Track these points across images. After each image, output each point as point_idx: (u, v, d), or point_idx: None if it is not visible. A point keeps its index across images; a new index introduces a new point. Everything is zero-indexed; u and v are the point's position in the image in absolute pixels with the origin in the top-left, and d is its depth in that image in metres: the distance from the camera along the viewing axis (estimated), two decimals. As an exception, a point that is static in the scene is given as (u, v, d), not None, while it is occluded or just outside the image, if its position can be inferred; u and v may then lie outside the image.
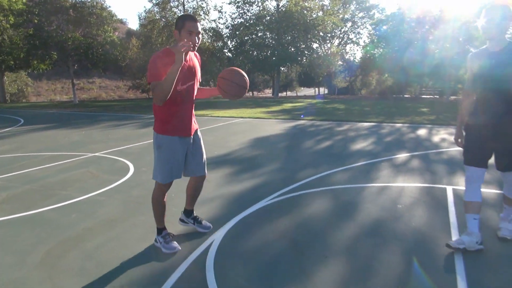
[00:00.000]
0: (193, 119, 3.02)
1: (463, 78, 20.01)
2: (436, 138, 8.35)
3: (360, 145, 7.63)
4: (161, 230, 3.02)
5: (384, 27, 32.39)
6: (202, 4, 34.99)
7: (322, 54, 38.34)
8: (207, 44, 34.12)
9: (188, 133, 2.93)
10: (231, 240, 3.18)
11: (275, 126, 10.84)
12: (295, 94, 61.52)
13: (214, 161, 6.22)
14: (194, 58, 2.92)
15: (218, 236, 3.22)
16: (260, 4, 33.10)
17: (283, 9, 32.13)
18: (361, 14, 43.69)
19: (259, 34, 34.62)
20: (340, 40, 45.14)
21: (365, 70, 36.54)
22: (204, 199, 4.15)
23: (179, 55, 2.53)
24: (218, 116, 14.02)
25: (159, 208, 2.99)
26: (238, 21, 34.37)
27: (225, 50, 38.07)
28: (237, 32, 34.04)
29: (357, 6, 42.88)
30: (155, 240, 3.04)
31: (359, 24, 44.11)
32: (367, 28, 41.56)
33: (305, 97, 36.75)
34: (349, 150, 7.08)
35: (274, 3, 33.21)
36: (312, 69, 37.03)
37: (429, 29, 24.42)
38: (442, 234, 3.20)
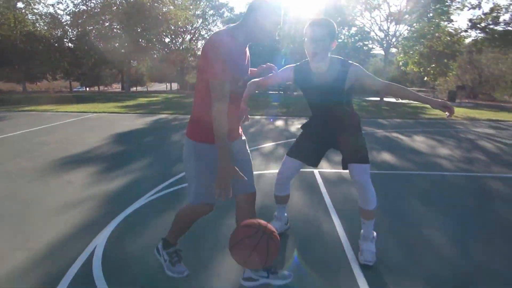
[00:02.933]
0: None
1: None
2: (293, 128, 9.08)
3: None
4: (170, 245, 2.40)
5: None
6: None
7: (174, 49, 37.88)
8: (43, 31, 29.97)
9: (233, 138, 2.20)
10: (117, 243, 2.79)
11: (135, 121, 10.16)
12: (146, 89, 59.32)
13: (73, 160, 5.44)
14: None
15: (100, 241, 2.79)
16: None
17: (131, 0, 30.42)
18: (211, 12, 44.84)
19: (106, 24, 32.02)
20: (191, 36, 45.42)
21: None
22: (71, 203, 3.58)
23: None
24: (67, 111, 12.41)
25: (185, 228, 2.37)
26: (80, 8, 31.07)
27: (66, 40, 34.11)
28: (80, 21, 30.78)
29: (207, 3, 43.85)
30: (158, 252, 2.44)
31: (210, 21, 45.28)
32: (217, 26, 42.75)
33: (158, 91, 35.83)
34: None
35: (122, -9, 31.11)
36: (165, 63, 36.30)
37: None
38: (322, 213, 3.44)
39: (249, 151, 2.32)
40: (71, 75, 43.57)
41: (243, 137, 2.31)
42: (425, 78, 28.30)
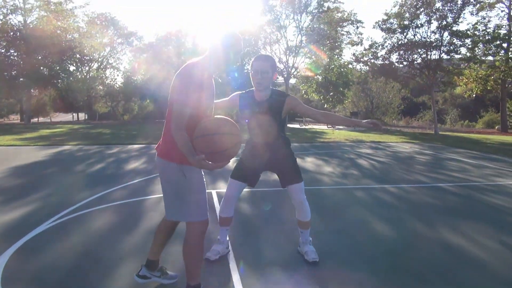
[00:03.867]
0: None
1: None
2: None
3: (133, 165, 8.02)
4: (198, 286, 2.35)
5: (144, 55, 33.92)
6: None
7: (80, 77, 36.42)
8: None
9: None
10: (16, 271, 3.02)
11: (36, 153, 9.83)
12: (49, 120, 55.28)
13: (-34, 194, 5.32)
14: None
15: (-2, 265, 3.01)
16: (1, 17, 28.62)
17: (31, 26, 28.87)
18: (119, 40, 44.17)
19: (2, 51, 29.73)
20: (99, 64, 44.10)
21: (127, 95, 36.86)
22: (-32, 233, 3.67)
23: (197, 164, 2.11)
24: (-46, 146, 11.45)
25: (201, 255, 2.37)
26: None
27: None
28: None
29: (115, 32, 43.19)
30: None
31: (119, 49, 44.53)
32: (126, 55, 42.23)
33: (63, 122, 33.88)
34: (124, 170, 7.35)
35: (21, 18, 29.36)
36: (71, 92, 34.59)
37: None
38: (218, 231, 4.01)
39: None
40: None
41: None
42: (325, 105, 31.10)
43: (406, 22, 19.55)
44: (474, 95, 21.36)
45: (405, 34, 19.86)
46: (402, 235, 3.82)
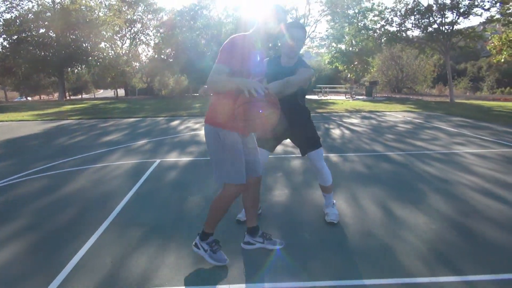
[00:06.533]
0: None
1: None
2: (181, 127, 9.98)
3: (110, 137, 8.51)
4: (208, 235, 2.61)
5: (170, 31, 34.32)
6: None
7: (112, 55, 37.68)
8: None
9: (242, 131, 2.48)
10: None
11: (34, 128, 10.64)
12: (93, 96, 58.06)
13: None
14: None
15: None
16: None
17: (59, 6, 30.11)
18: (150, 16, 44.89)
19: (41, 31, 31.40)
20: (131, 40, 45.25)
21: (154, 71, 37.75)
22: None
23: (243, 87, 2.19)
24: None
25: (222, 213, 2.60)
26: (9, 16, 30.27)
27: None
28: (11, 28, 29.93)
29: (145, 8, 43.88)
30: (196, 246, 2.65)
31: (149, 25, 45.28)
32: (155, 30, 42.86)
33: (100, 98, 35.62)
34: (97, 142, 7.84)
35: (49, -1, 30.68)
36: (106, 69, 35.98)
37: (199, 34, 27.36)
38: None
39: (256, 142, 2.70)
40: (5, 85, 42.20)
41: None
42: (349, 75, 30.24)
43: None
44: (502, 60, 19.70)
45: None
46: (296, 199, 3.94)
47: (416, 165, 5.39)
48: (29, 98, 51.60)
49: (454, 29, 18.31)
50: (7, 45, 30.99)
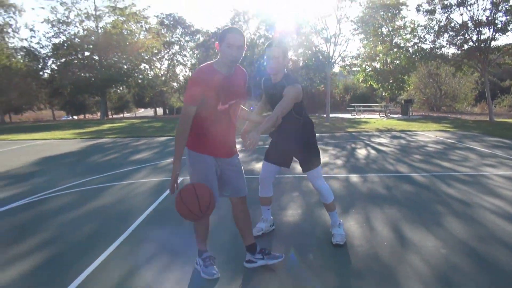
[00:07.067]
0: (233, 141, 2.75)
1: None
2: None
3: (140, 155, 8.87)
4: (201, 251, 2.82)
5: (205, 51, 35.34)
6: (10, 21, 31.99)
7: (150, 76, 39.28)
8: (19, 64, 31.30)
9: (221, 155, 2.66)
10: None
11: (72, 145, 11.27)
12: (133, 115, 60.45)
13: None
14: (238, 73, 2.64)
15: None
16: (78, 24, 32.15)
17: (101, 31, 31.95)
18: (187, 38, 46.63)
19: (86, 54, 33.41)
20: (169, 61, 47.05)
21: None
22: None
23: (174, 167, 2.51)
24: (18, 140, 13.54)
25: (203, 229, 2.77)
26: (57, 41, 32.42)
27: (47, 71, 35.25)
28: (59, 52, 32.05)
29: (183, 30, 45.69)
30: (196, 262, 2.87)
31: (186, 47, 47.00)
32: (191, 51, 44.36)
33: (140, 117, 37.05)
34: (128, 160, 8.21)
35: (93, 24, 32.61)
36: (144, 89, 37.58)
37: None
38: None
39: (241, 165, 2.81)
40: (53, 105, 44.91)
41: (238, 154, 2.79)
42: (383, 94, 29.72)
43: (453, 1, 17.89)
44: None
45: (449, 13, 18.05)
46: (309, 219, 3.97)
47: (439, 186, 5.25)
48: (75, 117, 54.42)
49: (491, 45, 17.68)
50: (56, 68, 33.18)
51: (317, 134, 11.86)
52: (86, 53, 33.18)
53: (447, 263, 2.89)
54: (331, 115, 24.16)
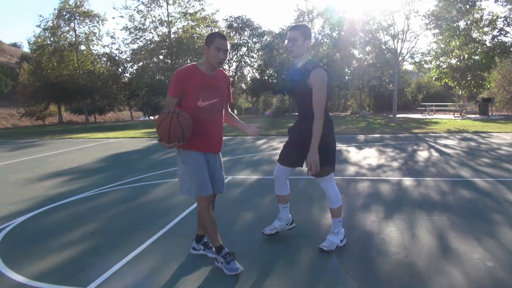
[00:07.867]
0: (219, 138, 2.87)
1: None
2: (265, 146, 10.31)
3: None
4: (219, 249, 2.83)
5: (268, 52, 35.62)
6: (94, 29, 35.09)
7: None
8: (101, 69, 34.16)
9: (209, 150, 2.80)
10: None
11: (139, 144, 12.07)
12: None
13: (59, 173, 7.27)
14: (220, 77, 2.81)
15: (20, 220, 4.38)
16: (152, 30, 34.21)
17: (174, 36, 33.64)
18: (254, 40, 47.32)
19: (161, 58, 35.50)
20: (237, 63, 48.14)
21: (254, 91, 39.41)
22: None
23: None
24: (95, 138, 14.80)
25: (209, 224, 2.81)
26: (135, 46, 34.85)
27: (126, 74, 38.00)
28: (138, 56, 34.43)
29: (251, 32, 46.46)
30: (216, 260, 2.89)
31: (253, 48, 47.70)
32: (258, 52, 44.93)
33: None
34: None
35: (166, 30, 34.49)
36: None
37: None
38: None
39: (222, 162, 2.98)
40: (131, 106, 48.42)
41: (220, 153, 2.93)
42: (460, 92, 27.58)
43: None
44: None
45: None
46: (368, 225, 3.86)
47: (503, 194, 4.75)
48: (151, 117, 58.05)
49: None
50: (134, 71, 35.74)
51: (377, 135, 11.42)
52: (160, 57, 35.27)
53: (491, 277, 2.62)
54: (400, 116, 23.02)
